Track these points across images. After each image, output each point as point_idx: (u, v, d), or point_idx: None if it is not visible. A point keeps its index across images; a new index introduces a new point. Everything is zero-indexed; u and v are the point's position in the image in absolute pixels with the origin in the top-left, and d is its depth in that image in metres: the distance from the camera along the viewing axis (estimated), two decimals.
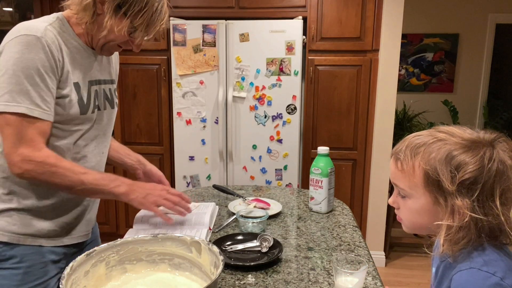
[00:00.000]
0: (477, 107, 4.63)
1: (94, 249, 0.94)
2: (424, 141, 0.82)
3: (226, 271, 1.13)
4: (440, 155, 0.78)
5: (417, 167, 0.81)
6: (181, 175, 2.95)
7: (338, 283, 1.00)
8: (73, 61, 1.14)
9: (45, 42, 1.04)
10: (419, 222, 0.85)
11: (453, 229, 0.77)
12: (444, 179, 0.76)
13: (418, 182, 0.81)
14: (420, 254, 3.28)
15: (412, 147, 0.82)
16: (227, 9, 2.88)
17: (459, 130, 0.82)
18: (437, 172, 0.77)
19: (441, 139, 0.80)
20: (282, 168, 2.85)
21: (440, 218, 0.79)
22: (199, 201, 1.77)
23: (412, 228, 0.89)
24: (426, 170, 0.79)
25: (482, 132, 0.81)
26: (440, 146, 0.79)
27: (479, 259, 0.76)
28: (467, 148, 0.77)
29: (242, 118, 2.82)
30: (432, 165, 0.78)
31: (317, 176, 1.57)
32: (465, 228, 0.76)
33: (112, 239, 1.02)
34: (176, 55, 2.79)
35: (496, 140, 0.79)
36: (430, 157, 0.79)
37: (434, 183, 0.78)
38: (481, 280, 0.73)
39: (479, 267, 0.74)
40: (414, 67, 4.63)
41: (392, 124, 2.91)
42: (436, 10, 4.48)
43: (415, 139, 0.84)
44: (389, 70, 2.84)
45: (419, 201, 0.82)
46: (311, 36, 2.83)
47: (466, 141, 0.78)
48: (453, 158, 0.77)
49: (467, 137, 0.79)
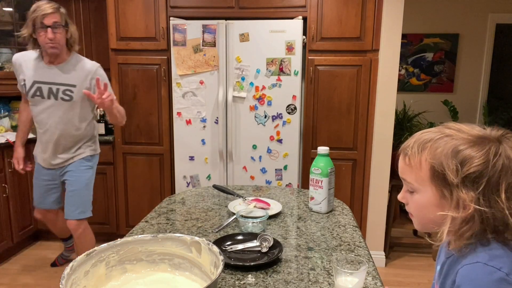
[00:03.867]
0: (477, 107, 4.63)
1: (94, 249, 0.94)
2: (431, 137, 0.83)
3: (226, 271, 1.13)
4: (446, 149, 0.80)
5: (424, 162, 0.82)
6: (181, 175, 2.95)
7: (338, 283, 1.00)
8: (26, 70, 2.31)
9: (15, 60, 2.34)
10: (427, 216, 0.86)
11: (457, 221, 0.78)
12: (449, 172, 0.78)
13: (425, 176, 0.82)
14: (420, 254, 3.28)
15: (420, 142, 0.84)
16: (227, 9, 2.88)
17: (467, 127, 0.83)
18: (442, 166, 0.79)
19: (448, 135, 0.82)
20: (282, 168, 2.85)
21: (445, 211, 0.80)
22: (199, 201, 1.77)
23: (422, 224, 0.89)
24: (432, 164, 0.81)
25: (490, 129, 0.82)
26: (447, 141, 0.81)
27: (484, 254, 0.76)
28: (474, 143, 0.78)
29: (242, 118, 2.82)
30: (438, 159, 0.80)
31: (317, 176, 1.57)
32: (469, 220, 0.77)
33: (112, 239, 1.01)
34: (176, 55, 2.79)
35: (503, 136, 0.80)
36: (437, 151, 0.81)
37: (440, 176, 0.80)
38: (486, 275, 0.74)
39: (485, 262, 0.75)
40: (414, 67, 4.63)
41: (392, 124, 2.91)
42: (436, 10, 4.48)
43: (423, 135, 0.86)
44: (389, 70, 2.84)
45: (426, 195, 0.84)
46: (311, 36, 2.83)
47: (473, 137, 0.80)
48: (459, 152, 0.78)
49: (474, 134, 0.81)
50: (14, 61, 2.32)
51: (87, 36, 3.37)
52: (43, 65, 2.28)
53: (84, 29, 3.36)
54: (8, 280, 2.82)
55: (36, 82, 2.28)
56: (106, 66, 3.26)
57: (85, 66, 2.32)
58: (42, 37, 2.15)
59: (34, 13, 2.14)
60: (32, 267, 3.00)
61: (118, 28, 2.98)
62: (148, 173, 3.15)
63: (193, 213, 1.61)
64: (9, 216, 3.03)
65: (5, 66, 3.49)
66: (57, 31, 2.17)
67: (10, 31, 3.51)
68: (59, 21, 2.18)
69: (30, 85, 2.28)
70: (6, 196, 2.99)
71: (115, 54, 3.03)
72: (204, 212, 1.62)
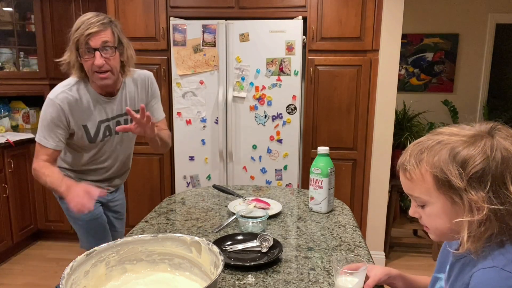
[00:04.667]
0: (477, 107, 4.63)
1: (94, 249, 0.94)
2: (425, 146, 0.82)
3: (226, 271, 1.13)
4: (444, 155, 0.79)
5: (425, 173, 0.81)
6: (181, 175, 2.95)
7: (338, 283, 1.00)
8: (81, 111, 1.69)
9: (58, 103, 1.64)
10: (442, 227, 0.84)
11: (474, 224, 0.76)
12: (453, 177, 0.77)
13: (430, 187, 0.81)
14: (420, 254, 3.28)
15: (415, 154, 0.83)
16: (227, 9, 2.88)
17: (457, 128, 0.83)
18: (444, 173, 0.78)
19: (440, 141, 0.81)
20: (282, 168, 2.85)
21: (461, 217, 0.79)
22: (199, 201, 1.77)
23: (438, 235, 0.88)
24: (434, 173, 0.79)
25: (478, 125, 0.82)
26: (441, 147, 0.80)
27: (501, 258, 0.75)
28: (468, 143, 0.78)
29: (242, 118, 2.82)
30: (438, 167, 0.79)
31: (317, 176, 1.57)
32: (486, 221, 0.76)
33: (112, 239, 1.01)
34: (176, 55, 2.79)
35: (493, 129, 0.80)
36: (434, 160, 0.80)
37: (445, 184, 0.79)
38: (504, 280, 0.73)
39: (501, 266, 0.74)
40: (414, 67, 4.63)
41: (392, 124, 2.91)
42: (436, 10, 4.48)
43: (416, 147, 0.85)
44: (389, 70, 2.84)
45: (437, 205, 0.82)
46: (311, 36, 2.83)
47: (466, 137, 0.79)
48: (456, 155, 0.77)
49: (466, 133, 0.80)
50: (59, 108, 1.62)
51: None
52: (101, 98, 1.71)
53: None
54: (8, 280, 2.82)
55: (102, 122, 1.73)
56: None
57: (139, 78, 1.82)
58: (88, 63, 1.58)
59: (78, 32, 1.56)
60: (32, 267, 3.01)
61: None
62: (148, 173, 3.15)
63: (193, 213, 1.61)
64: (9, 216, 3.03)
65: (5, 66, 3.50)
66: (108, 54, 1.59)
67: (10, 31, 3.51)
68: (110, 41, 1.58)
69: (96, 128, 1.72)
70: (6, 196, 2.99)
71: None
72: (204, 212, 1.62)
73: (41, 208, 3.34)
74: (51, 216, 3.33)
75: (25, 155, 3.19)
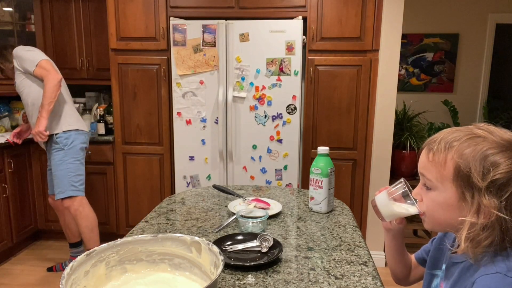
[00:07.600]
0: (477, 107, 4.63)
1: (94, 249, 0.94)
2: (460, 136, 0.80)
3: (226, 271, 1.13)
4: (476, 151, 0.77)
5: (449, 160, 0.80)
6: (181, 175, 2.95)
7: (396, 209, 0.99)
8: None
9: None
10: (440, 217, 0.83)
11: (476, 227, 0.75)
12: (476, 174, 0.75)
13: (448, 175, 0.80)
14: None
15: (448, 140, 0.81)
16: (227, 9, 2.88)
17: (500, 130, 0.80)
18: (469, 167, 0.76)
19: (479, 136, 0.79)
20: (282, 168, 2.85)
21: (464, 214, 0.78)
22: (199, 201, 1.77)
23: (433, 224, 0.87)
24: (459, 163, 0.78)
25: None
26: (477, 142, 0.78)
27: (503, 264, 0.74)
28: (505, 149, 0.76)
29: (242, 118, 2.82)
30: (465, 159, 0.77)
31: (317, 176, 1.57)
32: (489, 227, 0.75)
33: (112, 239, 1.01)
34: (176, 55, 2.79)
35: None
36: (465, 151, 0.78)
37: (464, 177, 0.77)
38: (508, 286, 0.72)
39: (505, 273, 0.73)
40: (414, 67, 4.63)
41: (392, 124, 2.91)
42: (436, 10, 4.48)
43: (451, 133, 0.83)
44: (389, 70, 2.84)
45: (444, 194, 0.81)
46: (311, 36, 2.83)
47: (505, 141, 0.77)
48: (488, 156, 0.76)
49: (506, 138, 0.78)
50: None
51: (87, 36, 3.37)
52: None
53: (84, 29, 3.36)
54: (8, 280, 2.82)
55: None
56: (106, 66, 3.28)
57: None
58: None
59: None
60: (32, 267, 3.01)
61: (118, 28, 2.98)
62: (148, 173, 3.15)
63: (193, 213, 1.61)
64: (9, 216, 3.03)
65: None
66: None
67: (10, 31, 3.51)
68: None
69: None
70: (6, 196, 2.99)
71: (115, 54, 3.03)
72: (204, 212, 1.62)
73: (41, 208, 3.34)
74: (51, 216, 3.33)
75: (25, 155, 3.19)
